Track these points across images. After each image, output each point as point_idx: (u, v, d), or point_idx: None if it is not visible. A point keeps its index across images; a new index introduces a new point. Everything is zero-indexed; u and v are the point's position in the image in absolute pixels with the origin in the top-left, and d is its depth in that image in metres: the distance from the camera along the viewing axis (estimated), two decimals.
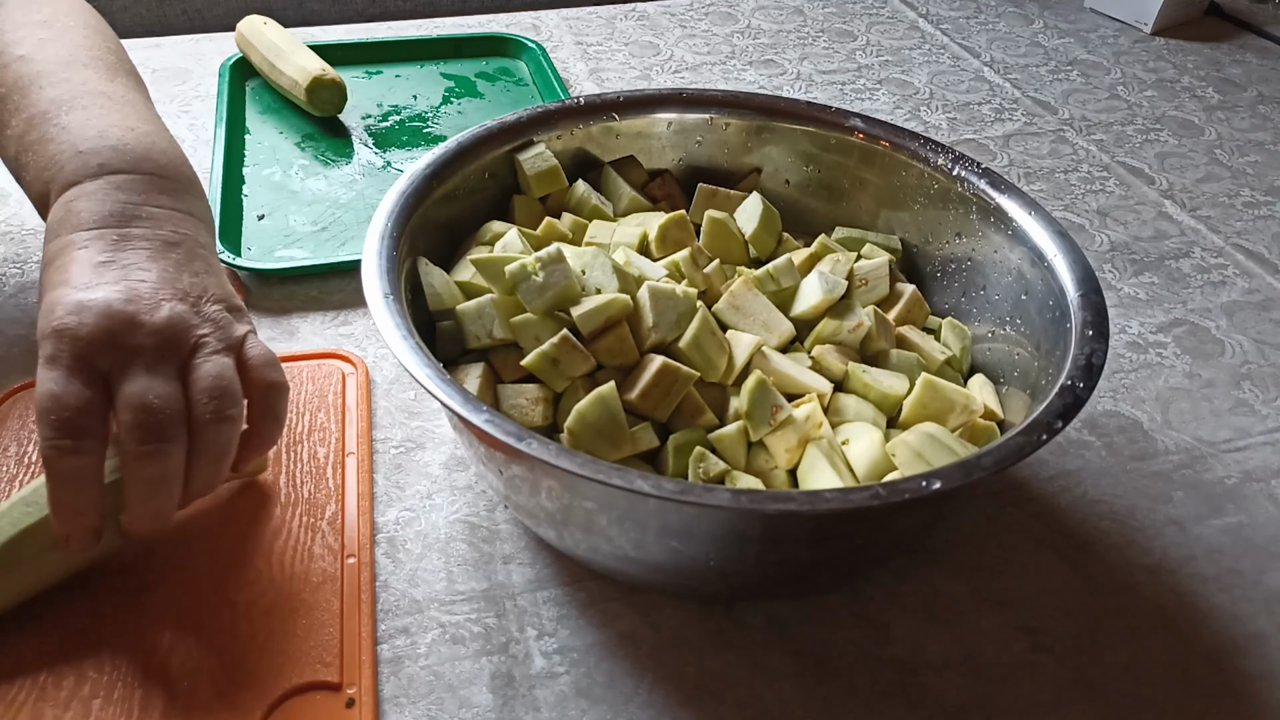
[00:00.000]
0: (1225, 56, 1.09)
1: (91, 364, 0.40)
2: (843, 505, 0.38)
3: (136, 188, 0.46)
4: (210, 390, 0.42)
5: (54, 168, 0.47)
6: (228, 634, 0.46)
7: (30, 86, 0.50)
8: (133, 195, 0.46)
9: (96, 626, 0.46)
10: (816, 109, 0.62)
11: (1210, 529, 0.56)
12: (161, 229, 0.46)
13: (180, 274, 0.44)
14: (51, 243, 0.45)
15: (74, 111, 0.49)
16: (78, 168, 0.46)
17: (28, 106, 0.49)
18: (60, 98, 0.49)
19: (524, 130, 0.59)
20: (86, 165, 0.46)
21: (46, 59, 0.51)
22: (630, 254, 0.54)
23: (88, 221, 0.44)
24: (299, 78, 0.83)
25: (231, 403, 0.43)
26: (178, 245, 0.46)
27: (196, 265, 0.46)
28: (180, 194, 0.48)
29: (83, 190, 0.46)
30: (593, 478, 0.38)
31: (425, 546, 0.52)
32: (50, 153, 0.47)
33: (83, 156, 0.47)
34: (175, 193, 0.48)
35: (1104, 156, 0.89)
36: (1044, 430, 0.41)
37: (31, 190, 0.49)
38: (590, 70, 0.98)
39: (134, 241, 0.44)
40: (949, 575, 0.52)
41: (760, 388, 0.48)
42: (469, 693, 0.45)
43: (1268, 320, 0.71)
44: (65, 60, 0.52)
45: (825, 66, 1.02)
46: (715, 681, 0.46)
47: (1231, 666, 0.49)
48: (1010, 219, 0.54)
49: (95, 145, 0.47)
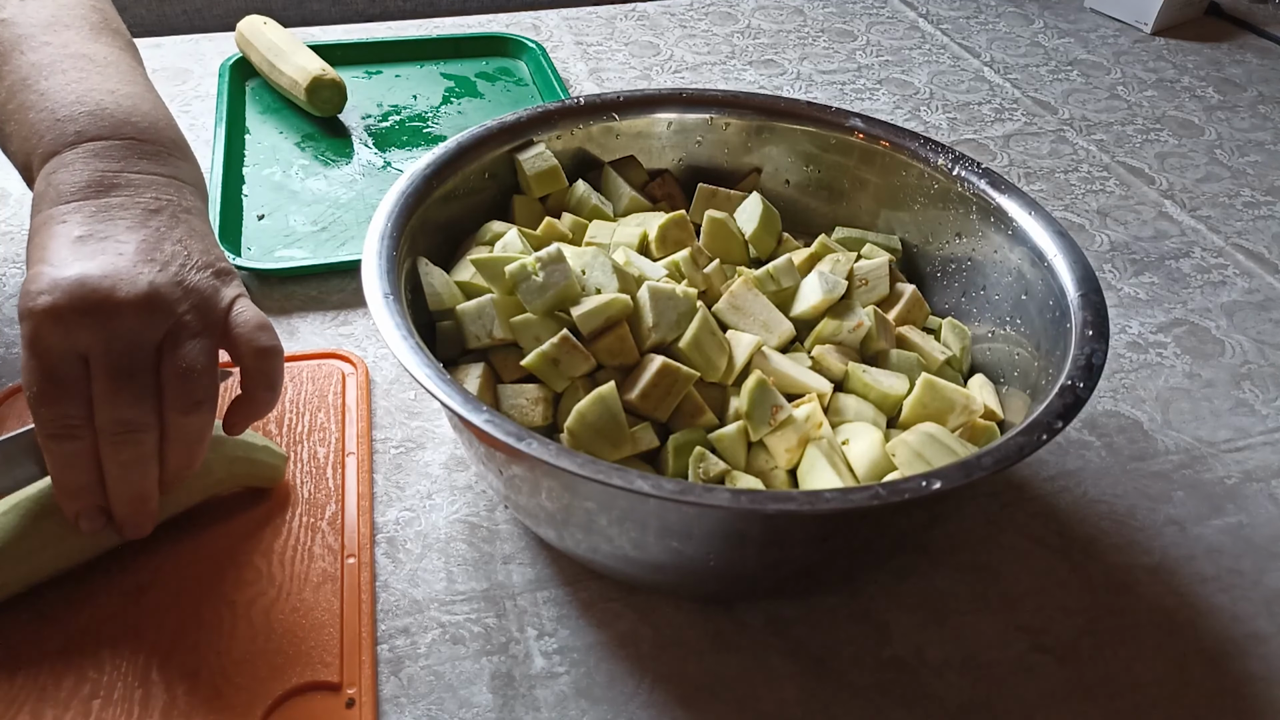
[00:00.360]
0: (1225, 56, 1.09)
1: (71, 343, 0.40)
2: (843, 505, 0.38)
3: (116, 154, 0.45)
4: (181, 377, 0.42)
5: (34, 138, 0.46)
6: (228, 634, 0.46)
7: (11, 52, 0.49)
8: (111, 162, 0.45)
9: (96, 626, 0.46)
10: (816, 109, 0.62)
11: (1210, 529, 0.56)
12: (142, 196, 0.45)
13: (161, 242, 0.43)
14: (34, 218, 0.44)
15: (53, 76, 0.47)
16: (55, 137, 0.45)
17: (8, 74, 0.48)
18: (40, 62, 0.48)
19: (524, 130, 0.59)
20: (64, 134, 0.45)
21: (28, 21, 0.50)
22: (630, 254, 0.54)
23: (66, 194, 0.44)
24: (299, 78, 0.83)
25: (202, 391, 0.42)
26: (159, 212, 0.45)
27: (179, 231, 0.45)
28: (163, 157, 0.47)
29: (61, 161, 0.45)
30: (593, 478, 0.38)
31: (425, 546, 0.52)
32: (30, 121, 0.46)
33: (60, 125, 0.46)
34: (157, 156, 0.47)
35: (1104, 156, 0.89)
36: (1044, 430, 0.41)
37: (16, 161, 0.48)
38: (590, 70, 0.98)
39: (113, 212, 0.44)
40: (949, 575, 0.52)
41: (760, 388, 0.48)
42: (469, 693, 0.45)
43: (1268, 320, 0.71)
44: (46, 22, 0.50)
45: (825, 66, 1.02)
46: (715, 681, 0.46)
47: (1231, 666, 0.49)
48: (1010, 219, 0.54)
49: (72, 112, 0.46)
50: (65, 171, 0.44)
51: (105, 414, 0.41)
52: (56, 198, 0.44)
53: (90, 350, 0.40)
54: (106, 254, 0.42)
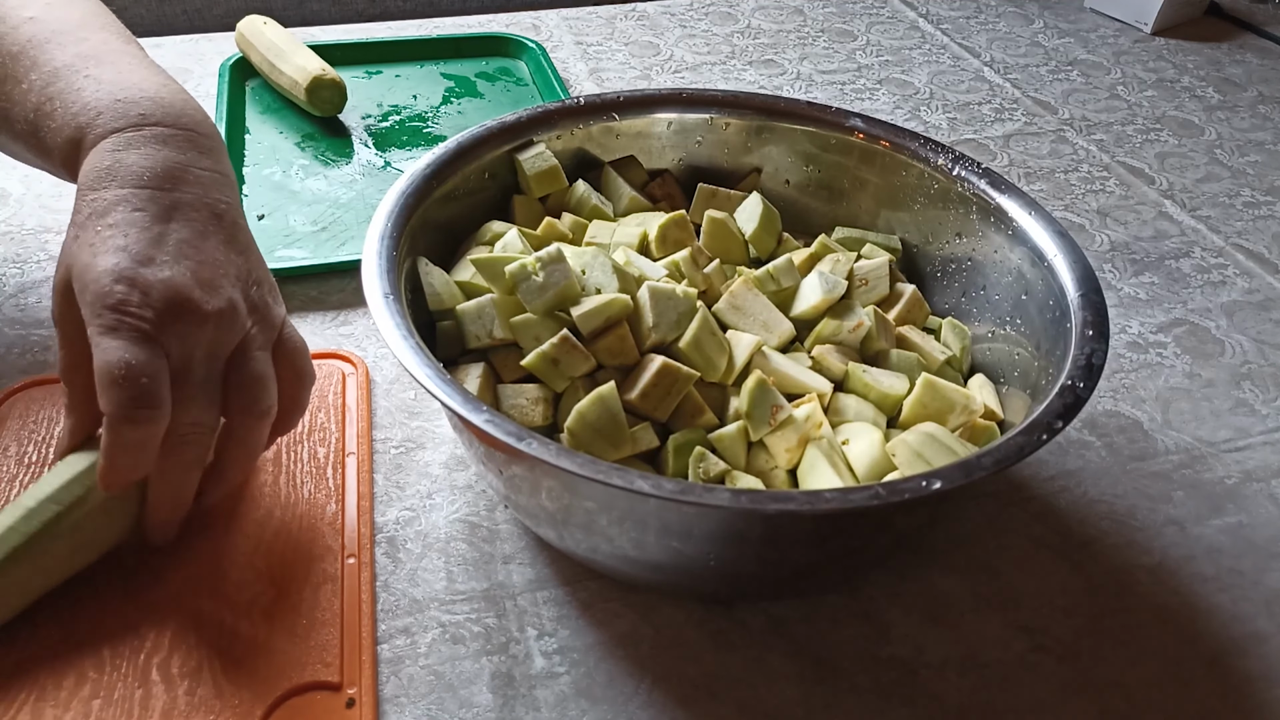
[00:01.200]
0: (1225, 56, 1.09)
1: (158, 342, 0.41)
2: (843, 505, 0.38)
3: (181, 144, 0.45)
4: (253, 387, 0.44)
5: (89, 113, 0.45)
6: (228, 634, 0.46)
7: (47, 44, 0.49)
8: (178, 153, 0.45)
9: (96, 626, 0.46)
10: (816, 109, 0.62)
11: (1210, 529, 0.56)
12: (210, 195, 0.45)
13: (230, 254, 0.45)
14: (98, 192, 0.43)
15: (103, 65, 0.47)
16: (118, 114, 0.45)
17: (47, 61, 0.48)
18: (85, 53, 0.48)
19: (524, 130, 0.60)
20: (128, 114, 0.45)
21: (59, 20, 0.50)
22: (630, 254, 0.54)
23: (139, 177, 0.43)
24: (299, 78, 0.83)
25: (270, 398, 0.45)
26: (222, 217, 0.45)
27: (240, 241, 0.46)
28: (218, 155, 0.47)
29: (128, 140, 0.44)
30: (593, 478, 0.38)
31: (425, 546, 0.52)
32: (85, 99, 0.46)
33: (121, 105, 0.45)
34: (213, 152, 0.47)
35: (1104, 156, 0.89)
36: (1044, 430, 0.41)
37: (57, 138, 0.47)
38: (590, 70, 0.98)
39: (184, 210, 0.44)
40: (949, 575, 0.52)
41: (760, 388, 0.48)
42: (469, 693, 0.45)
43: (1268, 320, 0.71)
44: (79, 22, 0.51)
45: (825, 66, 1.02)
46: (715, 681, 0.46)
47: (1231, 666, 0.49)
48: (1010, 219, 0.54)
49: (133, 95, 0.46)
50: (134, 153, 0.44)
51: (182, 414, 0.42)
52: (128, 178, 0.43)
53: (176, 352, 0.41)
54: (188, 258, 0.42)
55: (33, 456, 0.53)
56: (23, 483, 0.52)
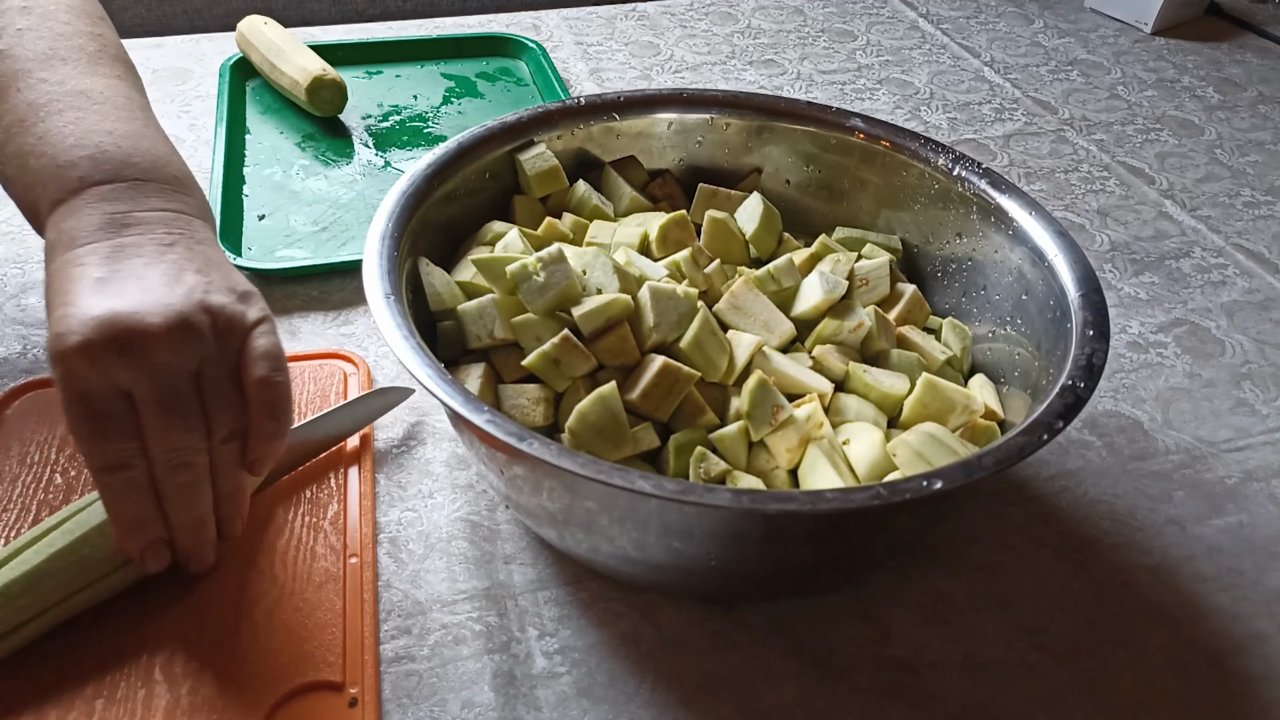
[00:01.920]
0: (1225, 56, 1.09)
1: (111, 379, 0.40)
2: (843, 505, 0.38)
3: (122, 196, 0.46)
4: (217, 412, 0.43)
5: (38, 185, 0.46)
6: (231, 634, 0.46)
7: (7, 89, 0.49)
8: (118, 205, 0.45)
9: (100, 626, 0.46)
10: (817, 109, 0.62)
11: (1210, 529, 0.56)
12: (155, 232, 0.45)
13: (181, 273, 0.44)
14: (49, 265, 0.44)
15: (50, 118, 0.48)
16: (59, 184, 0.46)
17: (6, 113, 0.48)
18: (36, 101, 0.48)
19: (524, 130, 0.60)
20: (67, 180, 0.46)
21: (24, 54, 0.50)
22: (631, 254, 0.54)
23: (79, 239, 0.44)
24: (299, 78, 0.83)
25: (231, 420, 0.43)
26: (173, 245, 0.45)
27: (196, 261, 0.45)
28: (169, 193, 0.47)
29: (69, 209, 0.45)
30: (594, 478, 0.38)
31: (427, 546, 0.52)
32: (31, 167, 0.47)
33: (61, 171, 0.46)
34: (164, 193, 0.47)
35: (1104, 156, 0.89)
36: (1045, 430, 0.41)
37: (22, 205, 0.49)
38: (590, 70, 0.98)
39: (129, 250, 0.44)
40: (949, 575, 0.52)
41: (761, 388, 0.48)
42: (471, 692, 0.45)
43: (1268, 320, 0.71)
44: (44, 55, 0.50)
45: (825, 66, 1.02)
46: (716, 681, 0.47)
47: (1231, 666, 0.49)
48: (1011, 219, 0.54)
49: (73, 156, 0.46)
50: (74, 219, 0.45)
51: (160, 444, 0.41)
52: (70, 243, 0.44)
53: (133, 385, 0.41)
54: (130, 290, 0.42)
55: (34, 456, 0.53)
56: (23, 483, 0.52)
